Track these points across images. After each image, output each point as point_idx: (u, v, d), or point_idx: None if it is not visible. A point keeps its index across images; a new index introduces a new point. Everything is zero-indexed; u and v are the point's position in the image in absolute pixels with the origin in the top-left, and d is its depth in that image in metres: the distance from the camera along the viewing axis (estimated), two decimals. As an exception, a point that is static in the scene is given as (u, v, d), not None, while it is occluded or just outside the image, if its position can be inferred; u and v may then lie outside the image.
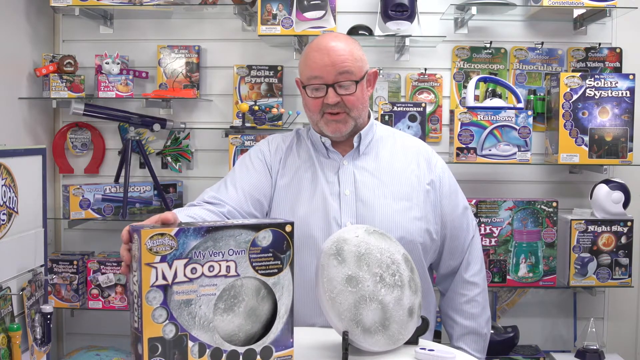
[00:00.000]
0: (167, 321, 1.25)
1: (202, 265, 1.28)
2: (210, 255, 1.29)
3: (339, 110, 1.80)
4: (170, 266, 1.25)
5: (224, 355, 1.31)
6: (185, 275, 1.27)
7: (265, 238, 1.35)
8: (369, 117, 1.93)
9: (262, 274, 1.35)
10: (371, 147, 1.89)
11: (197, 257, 1.28)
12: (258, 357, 1.35)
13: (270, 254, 1.36)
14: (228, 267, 1.31)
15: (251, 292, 1.36)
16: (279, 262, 1.37)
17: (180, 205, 2.88)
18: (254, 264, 1.34)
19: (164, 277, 1.24)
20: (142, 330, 1.23)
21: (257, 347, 1.35)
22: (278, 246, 1.37)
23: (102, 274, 2.71)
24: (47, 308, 1.90)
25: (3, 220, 1.78)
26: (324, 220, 1.78)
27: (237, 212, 1.81)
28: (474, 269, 1.93)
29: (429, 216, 1.84)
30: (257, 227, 1.35)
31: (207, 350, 1.29)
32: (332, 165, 1.87)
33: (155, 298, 1.24)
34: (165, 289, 1.25)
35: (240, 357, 1.33)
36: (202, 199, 1.87)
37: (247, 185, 1.85)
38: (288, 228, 1.38)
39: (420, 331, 1.51)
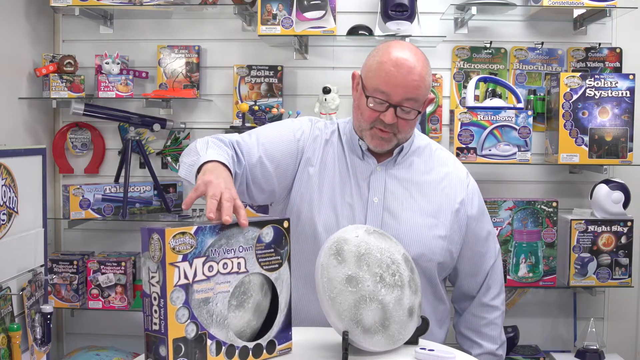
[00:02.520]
0: (189, 320, 1.26)
1: (218, 263, 1.31)
2: (224, 253, 1.32)
3: (389, 130, 1.75)
4: (190, 265, 1.26)
5: (237, 351, 1.33)
6: (203, 273, 1.28)
7: (268, 234, 1.39)
8: None
9: (267, 270, 1.39)
10: (407, 157, 1.85)
11: (214, 254, 1.30)
12: (264, 351, 1.39)
13: (272, 250, 1.40)
14: (239, 263, 1.34)
15: (257, 288, 1.40)
16: (279, 258, 1.42)
17: (180, 205, 2.87)
18: (259, 260, 1.37)
19: (186, 276, 1.26)
20: (167, 331, 1.23)
21: (263, 341, 1.39)
22: (278, 242, 1.42)
23: (102, 274, 2.71)
24: (47, 308, 1.90)
25: (3, 220, 1.78)
26: (348, 224, 1.73)
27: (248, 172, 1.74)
28: (493, 293, 1.92)
29: (454, 236, 1.82)
30: (261, 224, 1.38)
31: (223, 348, 1.31)
32: (364, 169, 1.82)
33: (179, 298, 1.25)
34: (186, 287, 1.26)
35: (250, 352, 1.37)
36: (231, 141, 1.77)
37: (273, 152, 1.79)
38: (285, 224, 1.43)
39: (420, 331, 1.51)
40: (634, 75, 2.58)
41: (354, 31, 2.72)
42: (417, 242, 1.76)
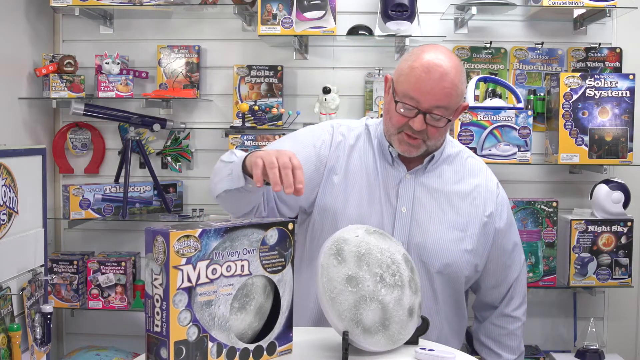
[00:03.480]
0: (191, 323, 1.26)
1: (221, 266, 1.31)
2: (228, 255, 1.32)
3: (418, 137, 1.69)
4: (194, 268, 1.26)
5: (237, 353, 1.34)
6: (206, 276, 1.28)
7: (272, 236, 1.39)
8: None
9: (270, 272, 1.39)
10: (437, 165, 1.80)
11: (217, 257, 1.30)
12: (265, 353, 1.39)
13: (276, 252, 1.40)
14: (242, 266, 1.34)
15: (260, 290, 1.40)
16: (283, 260, 1.41)
17: (180, 205, 2.88)
18: (263, 262, 1.37)
19: (189, 279, 1.26)
20: (168, 334, 1.23)
21: (264, 343, 1.39)
22: (282, 244, 1.42)
23: (102, 274, 2.71)
24: (47, 308, 1.89)
25: (3, 220, 1.78)
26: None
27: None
28: (515, 303, 1.90)
29: (480, 249, 1.79)
30: (265, 226, 1.38)
31: (224, 350, 1.31)
32: (394, 176, 1.77)
33: (181, 301, 1.25)
34: (189, 291, 1.25)
35: (250, 354, 1.37)
36: None
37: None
38: (290, 226, 1.43)
39: (420, 331, 1.51)
40: (634, 75, 2.58)
41: (354, 31, 2.72)
42: (444, 256, 1.74)
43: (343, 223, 1.69)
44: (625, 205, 2.61)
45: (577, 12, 2.69)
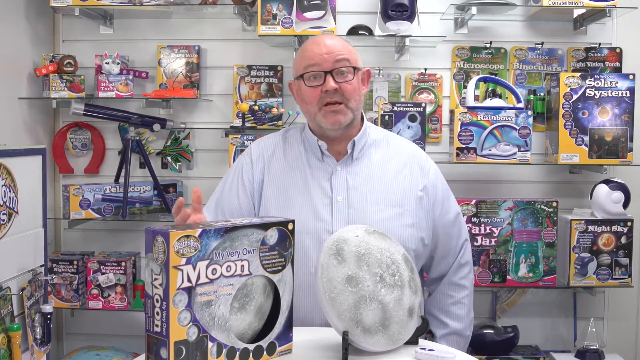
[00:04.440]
0: (191, 323, 1.26)
1: (221, 266, 1.31)
2: (228, 255, 1.32)
3: (337, 100, 1.78)
4: (194, 268, 1.26)
5: (237, 353, 1.34)
6: (206, 276, 1.28)
7: (272, 236, 1.39)
8: (362, 120, 1.91)
9: (270, 272, 1.39)
10: (364, 151, 1.88)
11: (217, 257, 1.30)
12: (265, 352, 1.39)
13: (276, 252, 1.40)
14: (242, 266, 1.34)
15: (260, 290, 1.40)
16: (283, 260, 1.41)
17: (180, 205, 2.87)
18: (263, 262, 1.37)
19: (189, 279, 1.26)
20: (168, 334, 1.23)
21: (264, 343, 1.40)
22: (282, 244, 1.42)
23: (102, 274, 2.71)
24: (47, 308, 1.90)
25: (3, 220, 1.78)
26: (314, 227, 1.78)
27: None
28: (463, 272, 1.95)
29: (422, 222, 1.85)
30: (265, 226, 1.38)
31: (224, 350, 1.31)
32: (325, 170, 1.86)
33: (181, 301, 1.25)
34: (189, 291, 1.25)
35: (250, 354, 1.37)
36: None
37: (229, 208, 1.89)
38: (290, 226, 1.44)
39: (420, 331, 1.51)
40: (634, 75, 2.58)
41: (354, 31, 2.72)
42: (387, 233, 1.76)
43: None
44: (625, 205, 2.61)
45: (577, 12, 2.69)
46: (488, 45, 2.83)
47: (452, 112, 2.71)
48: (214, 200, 1.95)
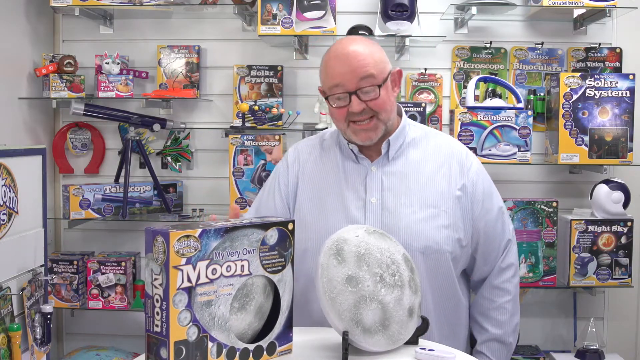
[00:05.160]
0: (191, 323, 1.26)
1: (221, 266, 1.31)
2: (228, 255, 1.32)
3: (367, 117, 1.72)
4: (194, 268, 1.26)
5: (237, 353, 1.34)
6: (206, 276, 1.28)
7: (272, 236, 1.39)
8: (400, 116, 1.85)
9: (270, 272, 1.39)
10: (401, 151, 1.82)
11: (217, 257, 1.30)
12: (265, 353, 1.39)
13: (276, 252, 1.40)
14: (242, 266, 1.34)
15: (260, 290, 1.40)
16: (283, 260, 1.41)
17: (180, 205, 2.88)
18: (263, 262, 1.37)
19: (189, 279, 1.26)
20: (168, 334, 1.23)
21: (264, 343, 1.39)
22: (282, 244, 1.41)
23: (102, 274, 2.71)
24: (47, 308, 1.90)
25: (3, 220, 1.78)
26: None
27: None
28: (506, 275, 1.85)
29: (459, 223, 1.77)
30: (265, 226, 1.38)
31: (224, 350, 1.31)
32: (360, 172, 1.81)
33: (181, 301, 1.25)
34: (189, 291, 1.25)
35: (250, 354, 1.37)
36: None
37: (266, 213, 1.88)
38: (290, 226, 1.43)
39: (420, 331, 1.51)
40: (634, 75, 2.58)
41: (354, 31, 2.72)
42: (419, 236, 1.74)
43: (315, 232, 1.76)
44: (625, 205, 2.61)
45: (577, 12, 2.69)
46: (488, 45, 2.83)
47: (452, 112, 2.71)
48: (255, 204, 1.95)
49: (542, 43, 2.83)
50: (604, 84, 2.56)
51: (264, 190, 1.95)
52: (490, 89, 2.77)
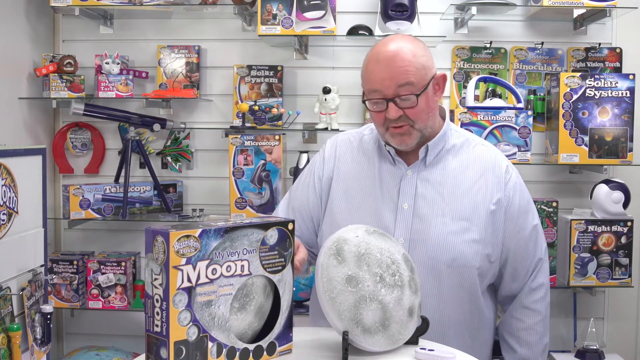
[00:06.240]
0: (191, 323, 1.26)
1: (221, 266, 1.31)
2: (228, 255, 1.32)
3: (403, 123, 1.67)
4: (194, 268, 1.26)
5: (237, 353, 1.34)
6: (206, 276, 1.28)
7: (272, 236, 1.39)
8: (443, 120, 1.80)
9: (270, 272, 1.39)
10: (440, 157, 1.76)
11: (217, 257, 1.30)
12: (265, 353, 1.39)
13: (276, 252, 1.40)
14: (242, 266, 1.34)
15: (260, 290, 1.40)
16: (283, 260, 1.41)
17: (180, 205, 2.88)
18: (263, 262, 1.37)
19: (189, 279, 1.26)
20: (168, 334, 1.23)
21: (264, 343, 1.40)
22: (282, 244, 1.42)
23: (102, 274, 2.71)
24: (47, 308, 1.89)
25: (3, 220, 1.78)
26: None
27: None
28: (536, 296, 1.79)
29: (489, 238, 1.72)
30: (265, 226, 1.38)
31: (224, 350, 1.31)
32: (395, 175, 1.76)
33: (181, 301, 1.25)
34: (189, 291, 1.25)
35: (250, 354, 1.37)
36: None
37: (299, 205, 1.87)
38: (290, 226, 1.43)
39: (420, 331, 1.51)
40: (634, 75, 2.58)
41: (354, 31, 2.72)
42: (448, 248, 1.69)
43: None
44: (625, 205, 2.61)
45: (577, 12, 2.69)
46: (488, 45, 2.83)
47: (452, 112, 2.71)
48: (287, 196, 1.92)
49: (542, 43, 2.83)
50: (604, 84, 2.56)
51: (299, 182, 1.91)
52: (490, 89, 2.77)
